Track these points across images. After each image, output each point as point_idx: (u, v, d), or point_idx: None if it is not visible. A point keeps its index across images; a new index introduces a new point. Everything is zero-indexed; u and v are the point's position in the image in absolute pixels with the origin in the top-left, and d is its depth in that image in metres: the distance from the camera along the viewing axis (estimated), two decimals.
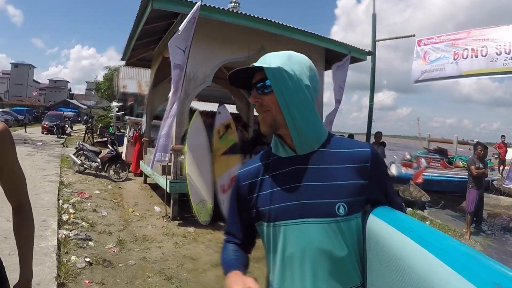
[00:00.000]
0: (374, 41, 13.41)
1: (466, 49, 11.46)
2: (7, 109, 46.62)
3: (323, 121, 11.29)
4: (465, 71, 11.45)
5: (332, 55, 11.28)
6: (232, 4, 13.08)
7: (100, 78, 44.92)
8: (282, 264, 1.57)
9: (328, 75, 11.96)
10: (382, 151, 12.12)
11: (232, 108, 14.62)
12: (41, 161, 15.34)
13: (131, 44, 12.18)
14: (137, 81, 27.13)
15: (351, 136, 13.03)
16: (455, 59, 11.61)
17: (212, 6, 8.65)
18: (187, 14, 7.79)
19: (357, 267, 1.54)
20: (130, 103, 27.17)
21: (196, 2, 7.86)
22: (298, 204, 1.52)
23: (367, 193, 1.55)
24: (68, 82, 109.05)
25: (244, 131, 11.66)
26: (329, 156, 1.56)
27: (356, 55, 11.51)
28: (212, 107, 14.58)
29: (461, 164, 18.53)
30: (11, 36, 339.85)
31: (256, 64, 1.55)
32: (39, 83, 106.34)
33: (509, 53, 10.94)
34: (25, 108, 49.63)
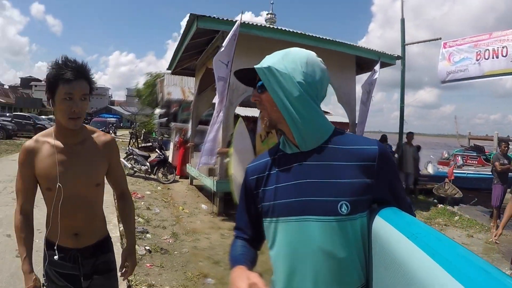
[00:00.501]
0: (403, 45, 13.64)
1: (488, 49, 11.54)
2: (51, 117, 48.26)
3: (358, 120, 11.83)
4: (487, 71, 11.56)
5: (363, 61, 11.94)
6: (269, 15, 13.73)
7: (140, 85, 45.92)
8: (283, 261, 1.56)
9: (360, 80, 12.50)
10: (414, 151, 12.58)
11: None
12: None
13: (177, 56, 13.16)
14: (180, 87, 27.59)
15: (384, 136, 13.52)
16: (477, 60, 11.73)
17: (251, 23, 9.54)
18: (228, 31, 8.65)
19: (360, 268, 1.50)
20: (174, 109, 27.82)
21: (236, 21, 8.70)
22: (300, 201, 1.51)
23: (373, 193, 1.50)
24: (109, 88, 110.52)
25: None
26: (333, 153, 1.53)
27: (385, 60, 11.95)
28: (252, 111, 15.30)
29: None
30: (51, 45, 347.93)
31: (259, 65, 1.56)
32: None
33: None
34: None
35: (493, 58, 11.49)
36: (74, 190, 2.29)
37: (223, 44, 8.37)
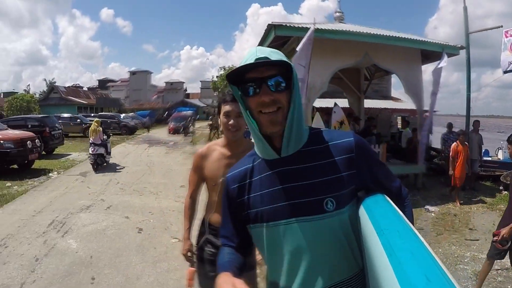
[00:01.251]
0: (467, 34, 13.57)
1: None
2: (132, 114, 50.52)
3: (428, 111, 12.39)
4: None
5: (429, 51, 12.47)
6: (338, 14, 14.43)
7: (214, 78, 46.85)
8: (279, 263, 1.60)
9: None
10: (479, 139, 12.93)
11: (343, 102, 16.48)
12: (180, 158, 18.44)
13: None
14: None
15: (450, 124, 13.94)
16: None
17: (324, 28, 10.61)
18: (301, 36, 9.82)
19: (355, 255, 1.56)
20: None
21: (308, 28, 9.83)
22: (287, 205, 1.53)
23: (356, 183, 1.56)
24: (183, 82, 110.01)
25: (355, 124, 13.43)
26: (312, 154, 1.57)
27: (449, 51, 12.32)
28: (327, 102, 16.23)
29: None
30: (122, 46, 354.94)
31: (263, 55, 1.47)
32: (156, 86, 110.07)
33: None
34: (148, 112, 53.31)
35: None
36: None
37: (297, 49, 9.50)
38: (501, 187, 12.65)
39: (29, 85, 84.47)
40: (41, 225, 7.97)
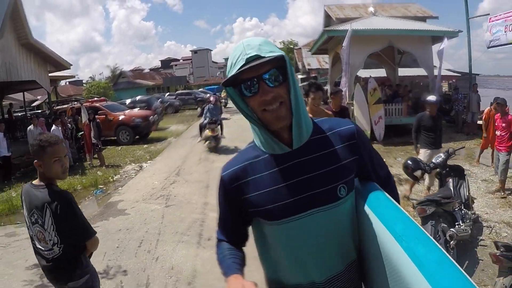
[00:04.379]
0: (467, 19, 17.30)
1: None
2: (201, 89, 53.00)
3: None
4: (510, 40, 15.11)
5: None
6: (371, 9, 19.15)
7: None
8: (290, 256, 1.61)
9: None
10: (478, 97, 15.86)
11: (382, 72, 21.09)
12: None
13: (314, 48, 20.27)
14: (316, 58, 33.76)
15: (456, 87, 17.63)
16: (504, 32, 15.27)
17: (357, 29, 15.55)
18: (344, 35, 14.98)
19: (356, 242, 1.65)
20: (313, 75, 33.98)
21: (347, 30, 14.98)
22: (303, 198, 1.51)
23: (358, 168, 1.61)
24: None
25: (387, 90, 17.71)
26: (320, 142, 1.56)
27: (450, 34, 16.55)
28: (370, 72, 20.31)
29: None
30: (175, 24, 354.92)
31: (254, 52, 1.39)
32: (217, 63, 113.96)
33: None
34: (216, 86, 55.43)
35: None
36: None
37: (343, 44, 14.77)
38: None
39: (102, 73, 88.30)
40: (193, 160, 13.36)
